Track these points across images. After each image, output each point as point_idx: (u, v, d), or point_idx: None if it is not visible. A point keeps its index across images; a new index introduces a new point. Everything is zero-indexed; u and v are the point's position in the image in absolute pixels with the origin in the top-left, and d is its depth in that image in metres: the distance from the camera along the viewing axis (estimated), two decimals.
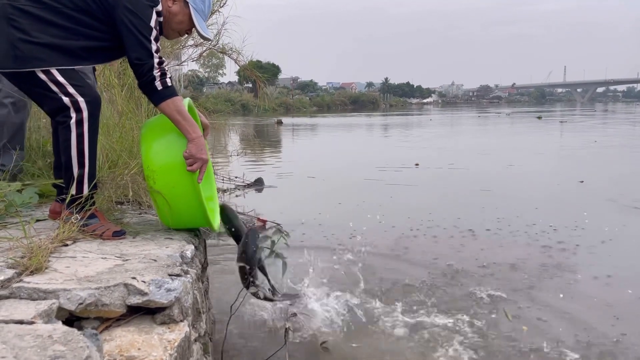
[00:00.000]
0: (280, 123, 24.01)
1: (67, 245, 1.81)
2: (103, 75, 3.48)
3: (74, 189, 1.93)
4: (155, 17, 1.96)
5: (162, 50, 2.13)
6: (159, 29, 2.01)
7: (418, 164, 9.01)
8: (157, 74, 1.93)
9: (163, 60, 1.98)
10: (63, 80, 1.87)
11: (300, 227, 4.82)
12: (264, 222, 4.95)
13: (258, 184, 7.11)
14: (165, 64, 2.02)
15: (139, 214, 2.55)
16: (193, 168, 1.97)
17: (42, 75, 1.86)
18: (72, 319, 1.39)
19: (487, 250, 4.20)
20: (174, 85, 2.02)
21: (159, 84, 1.94)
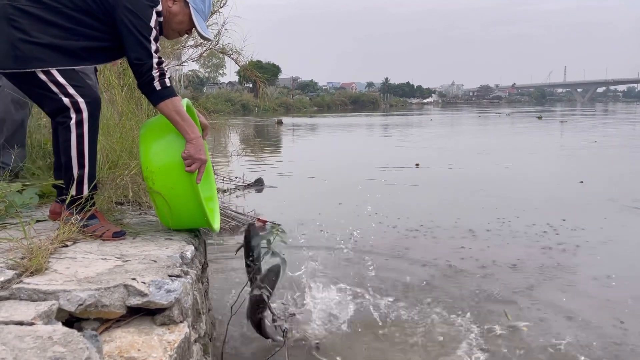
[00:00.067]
0: (281, 123, 24.01)
1: (67, 246, 1.82)
2: (103, 76, 3.48)
3: (74, 190, 1.93)
4: (155, 17, 1.96)
5: (162, 51, 2.13)
6: (159, 29, 2.01)
7: (419, 164, 9.01)
8: (156, 74, 1.93)
9: (162, 61, 1.98)
10: (63, 81, 1.87)
11: (301, 227, 4.82)
12: (264, 222, 4.95)
13: (258, 184, 7.11)
14: (165, 64, 2.02)
15: (139, 215, 2.55)
16: (192, 169, 1.96)
17: (42, 76, 1.86)
18: (72, 320, 1.39)
19: (487, 251, 4.20)
20: (173, 86, 2.02)
21: (158, 84, 1.94)
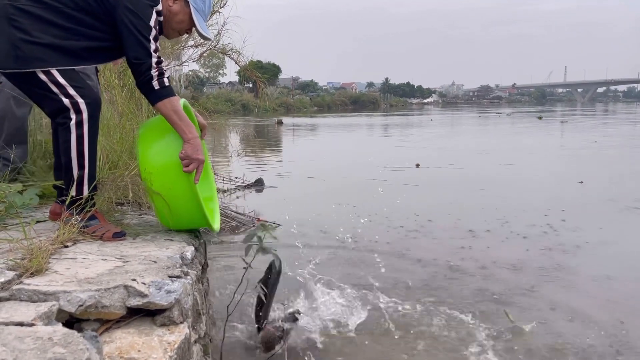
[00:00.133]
0: (281, 123, 24.00)
1: (67, 247, 1.82)
2: (103, 76, 3.48)
3: (74, 191, 1.93)
4: (155, 16, 1.96)
5: (162, 51, 2.13)
6: (159, 29, 2.01)
7: (419, 165, 9.01)
8: (154, 74, 1.93)
9: (161, 60, 1.98)
10: (63, 82, 1.87)
11: (301, 227, 4.82)
12: (265, 222, 4.95)
13: (258, 185, 7.11)
14: (164, 64, 2.02)
15: (139, 215, 2.55)
16: (189, 169, 1.96)
17: (42, 76, 1.85)
18: (72, 321, 1.39)
19: (487, 251, 4.20)
20: (172, 85, 2.02)
21: (156, 84, 1.94)
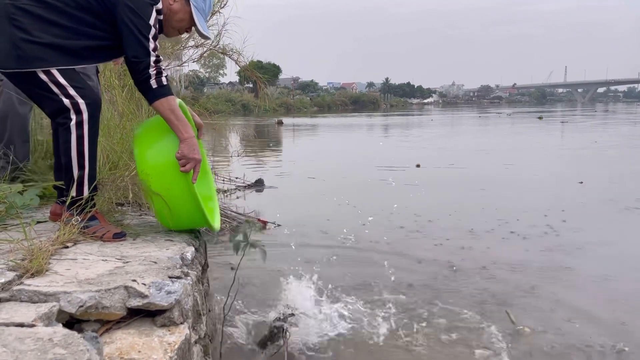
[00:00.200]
0: (281, 123, 24.00)
1: (67, 248, 1.82)
2: (104, 76, 3.48)
3: (74, 191, 1.93)
4: (155, 15, 1.96)
5: (163, 52, 2.12)
6: (159, 27, 2.01)
7: (419, 165, 9.01)
8: (152, 72, 1.93)
9: (160, 59, 1.98)
10: (64, 82, 1.87)
11: (301, 227, 4.83)
12: (265, 222, 4.95)
13: (258, 185, 7.12)
14: (162, 63, 2.01)
15: (139, 216, 2.55)
16: (186, 168, 1.96)
17: (43, 76, 1.85)
18: (72, 322, 1.39)
19: (487, 252, 4.20)
20: (172, 85, 2.01)
21: (154, 82, 1.94)
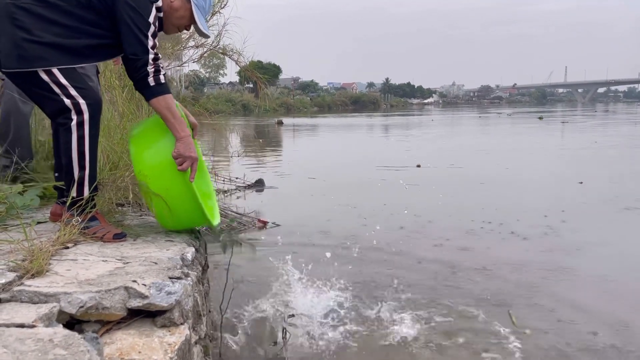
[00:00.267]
0: (281, 123, 23.99)
1: (68, 248, 1.82)
2: (104, 77, 3.48)
3: (75, 191, 1.93)
4: (155, 12, 1.95)
5: (163, 52, 2.12)
6: (158, 25, 2.01)
7: (420, 165, 9.01)
8: (150, 70, 1.93)
9: (159, 57, 1.98)
10: (65, 82, 1.87)
11: (301, 227, 4.83)
12: (265, 222, 4.95)
13: (259, 185, 7.12)
14: (161, 61, 2.01)
15: (140, 216, 2.55)
16: (183, 167, 1.96)
17: (44, 76, 1.85)
18: (72, 322, 1.39)
19: (487, 252, 4.20)
20: (171, 85, 2.01)
21: (152, 80, 1.94)
